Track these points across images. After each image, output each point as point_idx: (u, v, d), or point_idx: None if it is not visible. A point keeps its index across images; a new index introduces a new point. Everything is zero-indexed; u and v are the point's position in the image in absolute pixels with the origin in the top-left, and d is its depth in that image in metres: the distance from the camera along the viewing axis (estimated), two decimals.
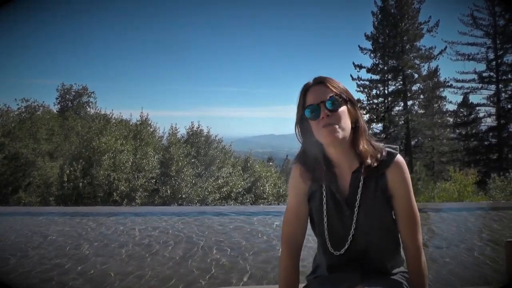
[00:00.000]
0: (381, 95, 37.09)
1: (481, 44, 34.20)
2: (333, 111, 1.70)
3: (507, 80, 33.25)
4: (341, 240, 1.83)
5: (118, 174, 18.10)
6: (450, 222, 6.54)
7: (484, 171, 28.25)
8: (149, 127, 22.89)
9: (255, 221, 7.12)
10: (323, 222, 1.85)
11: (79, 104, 33.15)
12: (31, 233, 6.43)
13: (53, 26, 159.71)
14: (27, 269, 4.61)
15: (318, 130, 1.73)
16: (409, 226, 1.80)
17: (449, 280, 4.02)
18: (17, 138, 21.24)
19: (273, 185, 25.56)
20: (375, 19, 36.77)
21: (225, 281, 4.14)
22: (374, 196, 1.78)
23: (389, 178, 1.78)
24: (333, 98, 1.71)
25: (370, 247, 1.83)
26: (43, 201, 18.27)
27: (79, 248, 5.43)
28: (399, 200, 1.79)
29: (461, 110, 36.67)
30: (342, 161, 1.82)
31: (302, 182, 1.89)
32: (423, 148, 36.44)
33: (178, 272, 4.39)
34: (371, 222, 1.79)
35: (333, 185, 1.83)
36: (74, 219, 7.62)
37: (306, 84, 1.82)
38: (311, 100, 1.75)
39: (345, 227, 1.81)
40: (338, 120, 1.70)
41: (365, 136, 1.80)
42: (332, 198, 1.83)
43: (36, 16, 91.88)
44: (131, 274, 4.32)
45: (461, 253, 4.75)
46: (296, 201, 1.91)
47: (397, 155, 1.81)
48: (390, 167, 1.78)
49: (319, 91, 1.75)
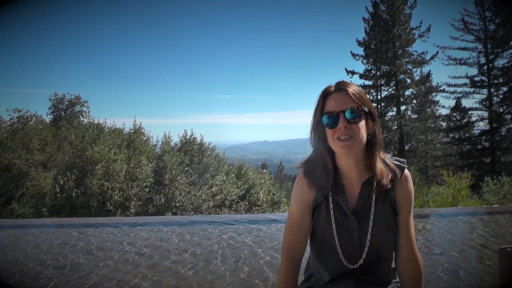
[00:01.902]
0: (374, 100, 37.24)
1: (473, 48, 34.56)
2: (352, 123, 1.66)
3: (498, 84, 33.51)
4: (350, 252, 1.81)
5: (111, 184, 18.01)
6: (444, 227, 6.54)
7: (477, 174, 28.44)
8: (142, 135, 22.81)
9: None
10: (333, 234, 1.81)
11: (72, 114, 32.98)
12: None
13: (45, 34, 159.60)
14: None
15: (333, 140, 1.70)
16: (410, 236, 1.82)
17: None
18: (9, 149, 21.14)
19: (267, 192, 25.51)
20: (367, 25, 37.02)
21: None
22: (383, 209, 1.78)
23: (398, 191, 1.79)
24: (354, 110, 1.67)
25: (378, 259, 1.83)
26: (37, 212, 18.14)
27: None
28: (404, 212, 1.81)
29: (454, 114, 36.89)
30: (352, 172, 1.80)
31: (307, 193, 1.85)
32: (416, 153, 36.59)
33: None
34: (383, 234, 1.79)
35: (340, 197, 1.80)
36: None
37: (327, 88, 1.77)
38: (331, 107, 1.70)
39: (351, 239, 1.80)
40: (355, 133, 1.66)
41: (380, 150, 1.78)
42: (339, 211, 1.80)
43: (29, 25, 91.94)
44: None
45: (454, 260, 4.74)
46: (300, 212, 1.87)
47: (405, 168, 1.81)
48: (400, 180, 1.78)
49: (341, 99, 1.70)
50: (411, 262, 1.81)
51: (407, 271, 1.82)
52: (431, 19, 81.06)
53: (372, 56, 36.65)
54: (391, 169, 1.77)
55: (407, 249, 1.81)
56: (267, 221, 7.59)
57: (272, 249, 5.39)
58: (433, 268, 4.45)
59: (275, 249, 5.36)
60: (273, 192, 26.31)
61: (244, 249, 5.43)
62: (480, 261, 4.67)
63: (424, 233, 6.16)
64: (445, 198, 15.13)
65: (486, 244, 5.32)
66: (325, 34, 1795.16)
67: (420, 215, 7.72)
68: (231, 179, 23.94)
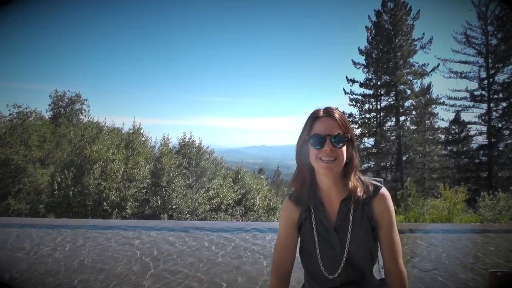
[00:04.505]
0: (373, 110, 37.27)
1: (474, 62, 34.46)
2: (336, 147, 1.83)
3: (498, 99, 33.51)
4: (334, 265, 1.94)
5: (109, 184, 18.01)
6: (435, 245, 6.56)
7: (474, 188, 28.38)
8: (141, 136, 22.79)
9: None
10: (316, 249, 1.96)
11: (71, 111, 32.91)
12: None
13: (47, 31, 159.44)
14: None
15: (316, 160, 1.86)
16: (393, 252, 1.92)
17: None
18: (7, 144, 21.07)
19: (263, 198, 25.52)
20: (369, 34, 37.05)
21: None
22: (360, 224, 1.92)
23: (374, 207, 1.91)
24: (340, 136, 1.85)
25: (359, 272, 1.95)
26: (33, 209, 18.11)
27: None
28: (383, 228, 1.92)
29: (453, 127, 36.84)
30: (331, 190, 1.95)
31: (292, 213, 2.02)
32: (414, 164, 36.54)
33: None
34: (359, 247, 1.91)
35: (321, 214, 1.95)
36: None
37: (316, 111, 1.93)
38: (319, 130, 1.86)
39: (335, 252, 1.93)
40: (338, 156, 1.84)
41: (355, 171, 1.94)
42: (321, 226, 1.96)
43: (30, 20, 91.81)
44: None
45: (443, 280, 4.75)
46: (286, 230, 2.04)
47: (381, 187, 1.95)
48: (376, 197, 1.92)
49: (328, 124, 1.87)
50: (395, 274, 1.91)
51: (391, 284, 1.92)
52: (433, 31, 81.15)
53: (373, 65, 36.66)
54: (366, 186, 1.92)
55: (391, 261, 1.91)
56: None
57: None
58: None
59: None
60: (269, 198, 26.33)
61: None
62: (468, 284, 4.68)
63: (414, 249, 6.19)
64: (440, 211, 15.13)
65: (475, 266, 5.33)
66: (326, 41, 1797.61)
67: (412, 229, 7.76)
68: (228, 183, 23.97)
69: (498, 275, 2.57)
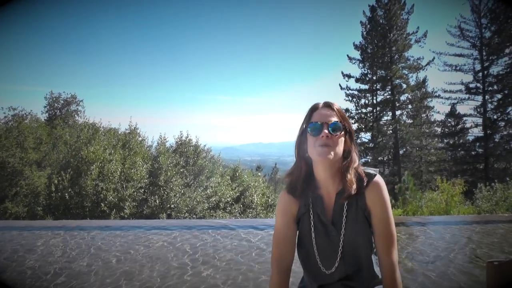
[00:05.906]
0: (369, 104, 37.40)
1: (468, 55, 34.59)
2: (333, 135, 1.84)
3: (493, 91, 33.62)
4: (331, 259, 1.94)
5: (106, 184, 17.98)
6: (434, 237, 6.58)
7: (471, 180, 28.49)
8: (138, 136, 22.76)
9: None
10: (313, 243, 1.95)
11: (67, 113, 32.83)
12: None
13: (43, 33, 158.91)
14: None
15: (314, 147, 1.85)
16: (386, 243, 1.88)
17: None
18: (3, 147, 20.95)
19: (261, 195, 25.53)
20: (364, 29, 37.16)
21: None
22: (356, 216, 1.90)
23: (367, 196, 1.89)
24: (336, 123, 1.86)
25: (356, 266, 1.94)
26: (30, 211, 18.08)
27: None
28: (376, 217, 1.89)
29: (449, 120, 36.93)
30: (328, 183, 1.93)
31: (291, 206, 1.99)
32: (411, 158, 36.66)
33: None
34: (356, 240, 1.90)
35: (318, 208, 1.93)
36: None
37: (315, 104, 1.96)
38: (316, 118, 1.88)
39: (333, 246, 1.92)
40: (334, 143, 1.84)
41: (353, 166, 1.91)
42: (318, 220, 1.94)
43: (25, 23, 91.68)
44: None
45: (443, 271, 4.78)
46: (284, 224, 1.99)
47: (375, 176, 1.93)
48: (368, 186, 1.89)
49: (326, 113, 1.89)
50: (386, 267, 1.88)
51: (385, 277, 1.88)
52: (427, 25, 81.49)
53: (369, 60, 36.76)
54: (360, 178, 1.90)
55: (383, 253, 1.88)
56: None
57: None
58: (419, 277, 4.50)
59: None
60: (267, 195, 26.34)
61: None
62: (468, 273, 4.70)
63: (411, 241, 6.20)
64: (438, 204, 15.18)
65: (475, 256, 5.36)
66: (322, 37, 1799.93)
67: (407, 222, 7.78)
68: (225, 181, 23.96)
69: (496, 264, 2.57)
